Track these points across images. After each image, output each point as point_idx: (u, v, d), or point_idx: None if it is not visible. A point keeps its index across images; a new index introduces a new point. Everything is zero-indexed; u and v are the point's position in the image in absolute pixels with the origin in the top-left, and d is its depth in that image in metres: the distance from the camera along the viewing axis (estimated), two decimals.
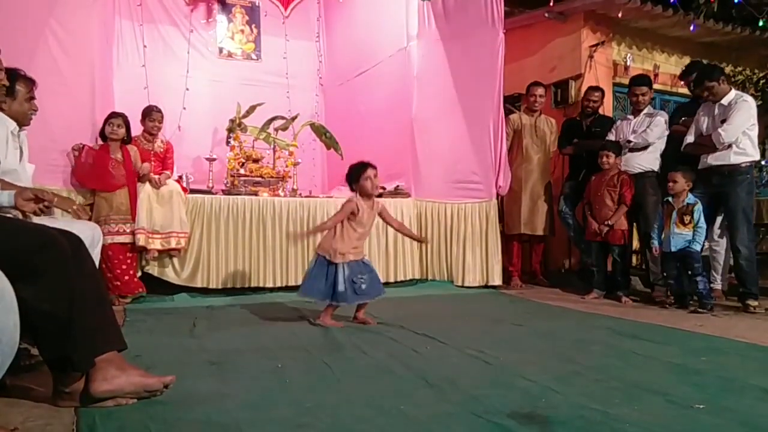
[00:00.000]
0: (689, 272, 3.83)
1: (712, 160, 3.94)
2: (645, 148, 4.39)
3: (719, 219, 4.12)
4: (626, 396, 1.86)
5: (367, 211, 3.20)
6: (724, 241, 4.15)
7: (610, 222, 4.27)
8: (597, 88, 5.18)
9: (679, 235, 3.87)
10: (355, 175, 3.20)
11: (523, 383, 1.99)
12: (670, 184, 3.94)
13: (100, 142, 4.04)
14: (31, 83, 2.69)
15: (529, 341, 2.81)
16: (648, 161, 4.40)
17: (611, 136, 4.59)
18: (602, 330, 3.09)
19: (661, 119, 4.41)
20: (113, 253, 3.84)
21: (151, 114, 4.41)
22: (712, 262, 4.19)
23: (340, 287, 3.09)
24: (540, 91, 5.19)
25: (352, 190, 3.26)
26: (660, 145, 4.41)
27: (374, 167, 3.22)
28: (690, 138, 4.11)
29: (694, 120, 4.12)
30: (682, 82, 4.80)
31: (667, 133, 4.40)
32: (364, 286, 3.12)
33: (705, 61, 5.24)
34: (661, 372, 2.20)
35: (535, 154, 5.14)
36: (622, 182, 4.28)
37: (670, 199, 3.98)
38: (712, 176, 3.97)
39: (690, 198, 3.90)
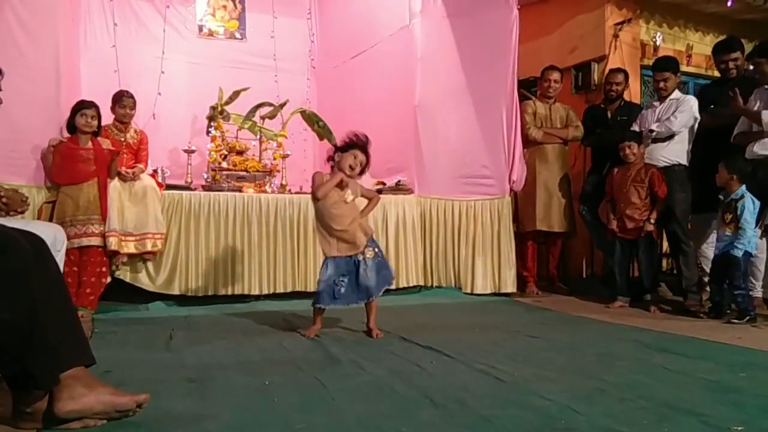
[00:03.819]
0: (728, 282, 3.82)
1: (760, 149, 3.93)
2: (670, 138, 4.39)
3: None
4: (656, 416, 1.86)
5: (331, 197, 3.18)
6: (763, 243, 4.16)
7: (652, 219, 4.25)
8: (619, 70, 5.19)
9: (723, 236, 3.87)
10: (344, 147, 3.22)
11: (540, 402, 1.99)
12: (716, 176, 3.95)
13: (65, 133, 4.04)
14: None
15: (547, 355, 2.80)
16: (674, 153, 4.39)
17: (635, 126, 4.60)
18: (629, 343, 3.09)
19: (688, 105, 4.39)
20: (74, 258, 3.81)
21: (121, 100, 4.40)
22: (751, 267, 4.18)
23: (321, 286, 3.18)
24: (555, 75, 5.20)
25: (331, 164, 3.27)
26: (688, 135, 4.40)
27: (366, 152, 3.22)
28: (743, 127, 4.10)
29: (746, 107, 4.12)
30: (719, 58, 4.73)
31: (696, 120, 4.39)
32: (342, 290, 3.15)
33: (744, 41, 5.23)
34: (694, 390, 2.20)
35: (550, 145, 5.15)
36: (652, 177, 4.27)
37: (721, 195, 3.97)
38: (758, 169, 3.96)
39: (737, 192, 3.85)
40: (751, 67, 4.32)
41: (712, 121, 4.40)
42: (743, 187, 3.86)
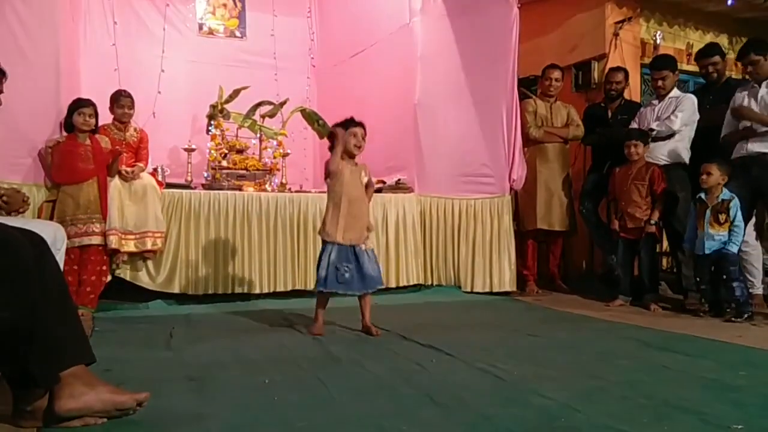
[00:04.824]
0: (724, 277, 3.82)
1: (755, 146, 3.93)
2: (670, 136, 4.39)
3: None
4: (656, 415, 1.86)
5: (348, 174, 3.21)
6: (755, 242, 4.16)
7: (653, 221, 4.24)
8: (620, 69, 5.19)
9: (714, 236, 3.86)
10: (343, 127, 3.26)
11: (540, 401, 1.99)
12: (703, 176, 3.91)
13: (63, 132, 4.03)
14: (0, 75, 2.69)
15: (547, 354, 2.81)
16: (675, 152, 4.39)
17: (634, 124, 4.60)
18: (629, 341, 3.10)
19: (688, 103, 4.38)
20: (75, 256, 3.81)
21: (119, 100, 4.37)
22: (746, 266, 4.18)
23: (321, 271, 3.17)
24: (557, 74, 5.19)
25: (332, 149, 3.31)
26: (688, 133, 4.40)
27: (364, 129, 3.28)
28: (730, 128, 4.11)
29: (732, 105, 4.12)
30: (700, 63, 4.78)
31: (696, 118, 4.39)
32: (347, 275, 3.16)
33: (743, 39, 5.26)
34: (694, 388, 2.20)
35: (551, 144, 5.15)
36: (653, 175, 4.26)
37: (702, 195, 3.96)
38: (752, 166, 3.96)
39: (725, 193, 3.88)
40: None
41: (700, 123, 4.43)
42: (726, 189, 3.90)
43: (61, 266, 2.10)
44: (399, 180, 5.24)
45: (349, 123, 3.27)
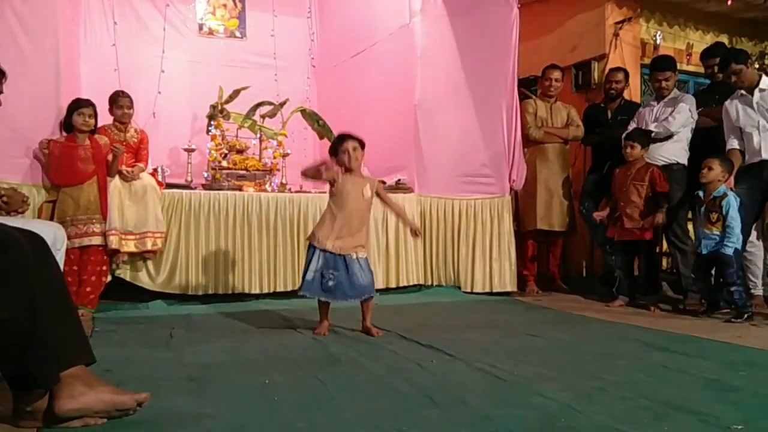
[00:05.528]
0: (721, 280, 3.79)
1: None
2: (669, 137, 4.39)
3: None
4: (656, 415, 1.86)
5: (349, 187, 3.20)
6: (759, 242, 4.16)
7: (658, 220, 4.19)
8: (620, 69, 5.19)
9: (709, 235, 3.84)
10: (335, 148, 3.27)
11: (540, 401, 1.99)
12: (704, 170, 3.86)
13: (63, 132, 4.03)
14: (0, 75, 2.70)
15: (547, 354, 2.81)
16: (672, 152, 4.38)
17: (632, 125, 4.59)
18: (629, 341, 3.10)
19: (686, 105, 4.37)
20: (75, 257, 3.81)
21: (117, 100, 4.35)
22: (749, 265, 4.17)
23: (308, 275, 3.15)
24: (557, 74, 5.19)
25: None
26: (686, 134, 4.40)
27: (356, 139, 3.25)
28: (734, 143, 4.10)
29: (726, 120, 4.13)
30: (705, 63, 4.81)
31: (694, 119, 4.39)
32: (330, 283, 3.14)
33: (744, 39, 5.27)
34: (694, 388, 2.20)
35: (551, 144, 5.15)
36: (653, 175, 4.24)
37: (700, 192, 3.94)
38: (765, 169, 3.95)
39: (719, 190, 3.82)
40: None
41: (704, 122, 4.43)
42: (723, 185, 3.86)
43: (61, 266, 2.11)
44: (399, 180, 5.25)
45: (340, 141, 3.26)
